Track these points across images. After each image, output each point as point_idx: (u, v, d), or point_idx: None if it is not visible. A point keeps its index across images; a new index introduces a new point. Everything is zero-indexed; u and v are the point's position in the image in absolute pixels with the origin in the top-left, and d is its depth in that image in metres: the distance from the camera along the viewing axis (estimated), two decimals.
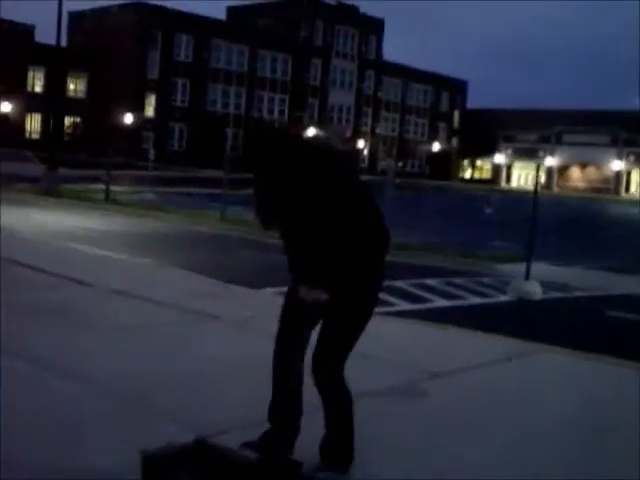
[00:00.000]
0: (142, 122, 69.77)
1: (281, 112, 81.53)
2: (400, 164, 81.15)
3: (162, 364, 6.47)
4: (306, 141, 4.74)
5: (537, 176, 16.37)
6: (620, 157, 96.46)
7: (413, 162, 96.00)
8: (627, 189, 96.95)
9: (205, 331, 7.92)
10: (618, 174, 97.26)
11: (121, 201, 26.85)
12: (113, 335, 7.33)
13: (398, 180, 25.34)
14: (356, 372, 4.74)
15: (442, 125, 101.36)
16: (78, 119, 71.45)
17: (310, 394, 4.49)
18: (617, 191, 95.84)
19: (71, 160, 41.11)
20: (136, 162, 48.50)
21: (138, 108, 69.77)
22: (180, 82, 73.66)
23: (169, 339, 7.42)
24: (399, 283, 13.53)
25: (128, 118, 68.15)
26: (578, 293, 15.43)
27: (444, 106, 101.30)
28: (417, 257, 18.43)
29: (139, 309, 8.74)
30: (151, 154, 34.85)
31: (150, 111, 72.49)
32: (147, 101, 72.20)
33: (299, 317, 4.43)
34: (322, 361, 4.34)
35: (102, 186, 27.42)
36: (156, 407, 5.33)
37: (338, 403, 4.45)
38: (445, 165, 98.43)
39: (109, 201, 26.50)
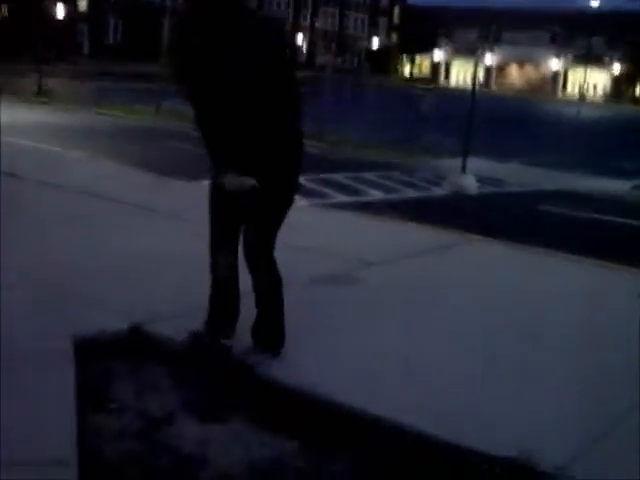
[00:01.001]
0: (75, 15, 67.53)
1: None
2: (339, 59, 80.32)
3: (97, 255, 6.41)
4: (255, 10, 4.54)
5: (475, 73, 16.37)
6: (558, 56, 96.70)
7: (352, 58, 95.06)
8: (564, 88, 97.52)
9: (140, 223, 7.85)
10: (555, 73, 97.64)
11: (54, 95, 26.19)
12: (46, 227, 7.23)
13: (336, 76, 25.08)
14: (290, 261, 4.77)
15: (382, 20, 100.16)
16: (6, 9, 68.86)
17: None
18: (554, 90, 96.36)
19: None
20: (70, 56, 47.20)
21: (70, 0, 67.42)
22: None
23: (104, 231, 7.34)
24: (336, 176, 13.55)
25: (60, 10, 65.84)
26: (512, 188, 15.66)
27: (384, 1, 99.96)
28: (355, 151, 18.46)
29: (73, 201, 8.61)
30: (85, 47, 33.82)
31: (83, 3, 70.13)
32: None
33: (227, 213, 4.44)
34: (252, 246, 4.40)
35: (34, 80, 26.69)
36: (90, 296, 5.29)
37: (269, 284, 4.53)
38: (384, 61, 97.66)
39: (42, 94, 25.83)
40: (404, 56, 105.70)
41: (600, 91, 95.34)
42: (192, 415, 3.99)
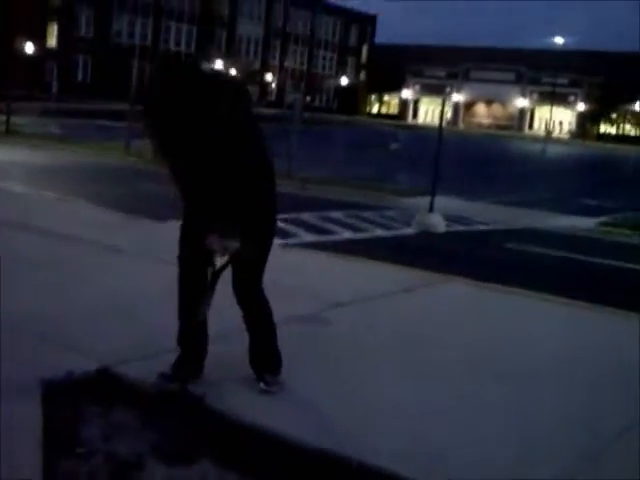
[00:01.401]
0: (44, 52, 67.52)
1: (188, 44, 79.99)
2: (308, 98, 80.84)
3: (66, 297, 6.39)
4: (214, 74, 4.67)
5: (442, 111, 16.52)
6: (524, 94, 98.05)
7: (321, 96, 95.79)
8: (530, 126, 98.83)
9: (109, 263, 7.85)
10: (522, 111, 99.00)
11: (23, 133, 26.12)
12: (14, 270, 7.18)
13: (306, 114, 25.24)
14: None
15: (350, 59, 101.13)
16: None
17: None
18: (521, 128, 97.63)
19: None
20: (38, 94, 47.09)
21: (39, 37, 67.43)
22: (84, 11, 71.35)
23: (72, 272, 7.32)
24: (304, 216, 13.61)
25: (29, 47, 65.83)
26: (480, 227, 15.79)
27: (352, 40, 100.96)
28: (322, 190, 18.54)
29: (41, 243, 8.57)
30: (54, 86, 33.80)
31: (52, 41, 70.18)
32: (49, 30, 69.77)
33: (199, 257, 4.55)
34: (242, 282, 4.60)
35: (1, 117, 26.60)
36: (59, 339, 5.28)
37: (262, 314, 4.72)
38: (353, 100, 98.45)
39: (9, 133, 25.75)
40: (372, 94, 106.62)
41: (566, 128, 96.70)
42: (160, 458, 3.98)
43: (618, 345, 6.58)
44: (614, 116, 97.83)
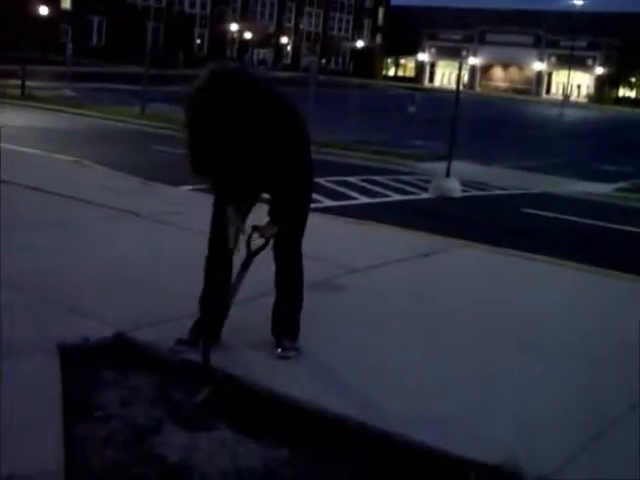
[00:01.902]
0: (58, 14, 67.20)
1: (203, 6, 79.38)
2: (323, 61, 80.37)
3: (82, 261, 6.40)
4: (266, 84, 4.61)
5: (459, 75, 16.38)
6: (542, 58, 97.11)
7: (337, 59, 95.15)
8: (548, 90, 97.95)
9: (125, 228, 7.85)
10: (539, 75, 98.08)
11: (38, 97, 26.08)
12: (30, 232, 7.21)
13: (321, 77, 25.10)
14: (272, 267, 4.78)
15: (366, 22, 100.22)
16: None
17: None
18: (538, 92, 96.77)
19: None
20: (53, 56, 46.93)
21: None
22: None
23: (87, 236, 7.33)
24: (321, 180, 13.55)
25: (43, 9, 65.49)
26: (497, 191, 15.72)
27: (368, 2, 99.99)
28: (339, 155, 18.47)
29: (56, 206, 8.58)
30: (69, 48, 33.62)
31: (67, 2, 69.80)
32: None
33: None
34: (281, 243, 4.71)
35: (17, 81, 26.56)
36: (76, 303, 5.29)
37: (295, 276, 4.82)
38: (369, 63, 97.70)
39: (25, 97, 25.71)
40: (389, 57, 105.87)
41: (584, 92, 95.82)
42: (177, 423, 4.00)
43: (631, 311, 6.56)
44: (633, 80, 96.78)
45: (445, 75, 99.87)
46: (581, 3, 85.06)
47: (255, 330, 4.90)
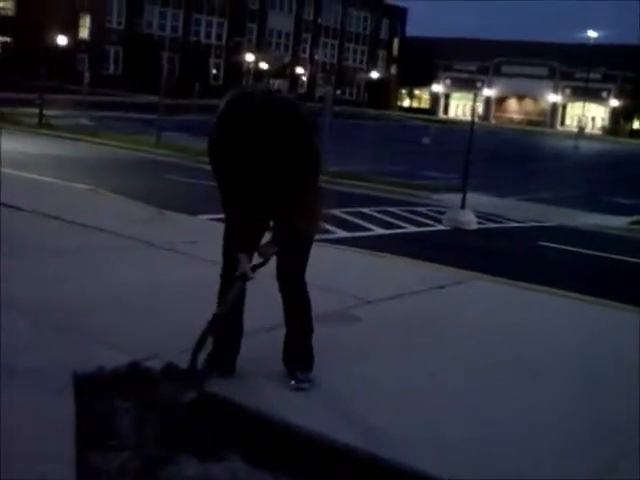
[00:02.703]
0: (76, 44, 67.86)
1: (219, 37, 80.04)
2: (338, 91, 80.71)
3: (96, 289, 6.41)
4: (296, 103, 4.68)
5: (474, 106, 16.48)
6: (556, 90, 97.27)
7: (351, 90, 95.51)
8: (562, 122, 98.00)
9: (139, 256, 7.87)
10: (554, 107, 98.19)
11: (55, 125, 26.30)
12: (46, 259, 7.23)
13: (336, 108, 25.21)
14: None
15: (381, 53, 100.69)
16: (8, 39, 69.13)
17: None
18: (552, 124, 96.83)
19: (1, 81, 40.07)
20: (70, 85, 47.29)
21: (72, 29, 67.71)
22: (116, 2, 71.56)
23: (102, 264, 7.35)
24: (336, 211, 13.58)
25: (61, 39, 66.15)
26: (512, 224, 15.71)
27: (384, 33, 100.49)
28: (354, 186, 18.51)
29: (72, 234, 8.62)
30: (86, 77, 33.93)
31: (85, 32, 70.51)
32: (81, 21, 70.08)
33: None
34: (285, 274, 4.71)
35: (35, 110, 26.80)
36: (90, 331, 5.28)
37: (300, 306, 4.78)
38: (383, 93, 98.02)
39: (42, 125, 25.94)
40: (403, 88, 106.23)
41: (598, 124, 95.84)
42: (191, 453, 3.98)
43: None
44: None
45: (460, 106, 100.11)
46: (595, 35, 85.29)
47: (271, 361, 4.88)
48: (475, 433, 4.35)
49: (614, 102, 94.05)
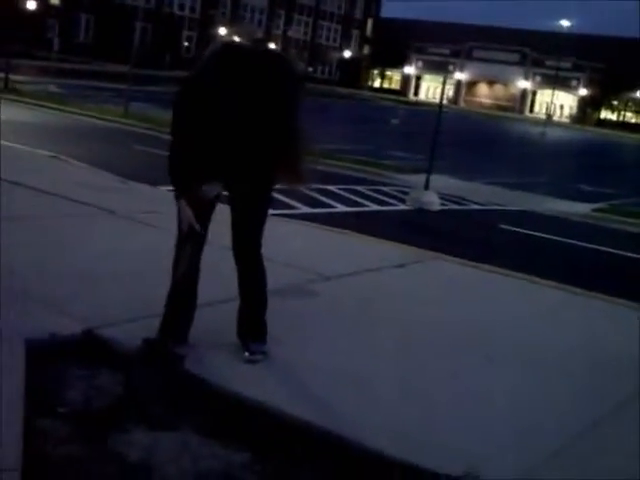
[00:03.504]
0: (46, 9, 66.84)
1: (192, 9, 79.27)
2: (310, 69, 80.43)
3: (54, 256, 6.37)
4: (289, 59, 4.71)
5: (443, 89, 16.46)
6: (527, 77, 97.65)
7: (323, 68, 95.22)
8: (532, 109, 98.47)
9: (100, 225, 7.83)
10: (524, 93, 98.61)
11: (21, 91, 25.97)
12: (5, 226, 7.16)
13: (307, 85, 25.13)
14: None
15: (355, 32, 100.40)
16: None
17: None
18: (522, 110, 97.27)
19: None
20: (39, 52, 46.76)
21: None
22: None
23: (61, 231, 7.30)
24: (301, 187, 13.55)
25: (31, 4, 65.10)
26: (475, 206, 15.79)
27: (358, 13, 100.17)
28: (320, 163, 18.46)
29: (32, 201, 8.55)
30: (55, 44, 33.56)
31: None
32: None
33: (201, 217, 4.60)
34: (240, 245, 4.68)
35: (0, 74, 26.44)
36: (45, 299, 5.26)
37: (255, 277, 4.77)
38: (355, 73, 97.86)
39: (8, 90, 25.59)
40: (375, 69, 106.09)
41: (566, 112, 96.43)
42: (141, 422, 3.98)
43: (597, 329, 6.63)
44: (615, 102, 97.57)
45: (430, 89, 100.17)
46: (567, 24, 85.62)
47: (224, 332, 4.89)
48: (422, 410, 4.40)
49: (583, 91, 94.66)
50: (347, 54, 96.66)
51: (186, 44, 76.88)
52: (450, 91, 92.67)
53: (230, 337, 4.81)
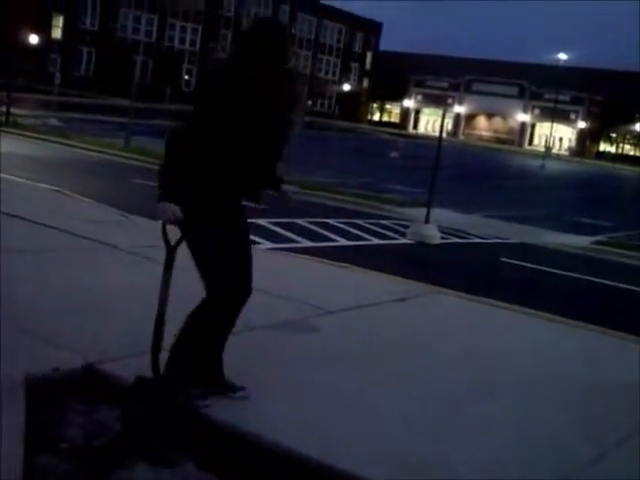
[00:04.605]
0: (49, 44, 67.37)
1: (192, 42, 79.89)
2: (310, 102, 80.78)
3: (57, 291, 6.37)
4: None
5: (442, 122, 16.54)
6: (526, 110, 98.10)
7: (323, 101, 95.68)
8: (530, 142, 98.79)
9: (101, 259, 7.84)
10: (523, 126, 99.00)
11: (22, 124, 26.09)
12: (7, 260, 7.16)
13: (307, 119, 25.28)
14: (249, 306, 4.76)
15: (354, 66, 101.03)
16: None
17: None
18: (521, 143, 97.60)
19: None
20: (40, 86, 46.99)
21: (44, 28, 67.20)
22: (90, 3, 71.19)
23: (64, 266, 7.31)
24: (302, 221, 13.61)
25: (33, 38, 65.62)
26: (475, 239, 15.81)
27: (357, 47, 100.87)
28: (320, 196, 18.54)
29: (35, 235, 8.56)
30: (57, 78, 33.74)
31: (57, 33, 70.03)
32: (54, 21, 69.58)
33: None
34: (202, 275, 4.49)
35: (1, 108, 26.57)
36: (47, 333, 5.25)
37: (204, 307, 4.51)
38: (354, 106, 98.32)
39: (9, 124, 25.71)
40: (374, 102, 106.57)
41: (565, 145, 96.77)
42: (141, 457, 3.97)
43: (598, 361, 6.64)
44: (614, 135, 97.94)
45: (430, 122, 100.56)
46: (565, 58, 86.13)
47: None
48: (423, 440, 4.39)
49: (581, 124, 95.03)
50: (346, 87, 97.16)
51: (186, 77, 77.33)
52: (449, 124, 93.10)
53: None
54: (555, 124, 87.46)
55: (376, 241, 13.61)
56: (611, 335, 7.65)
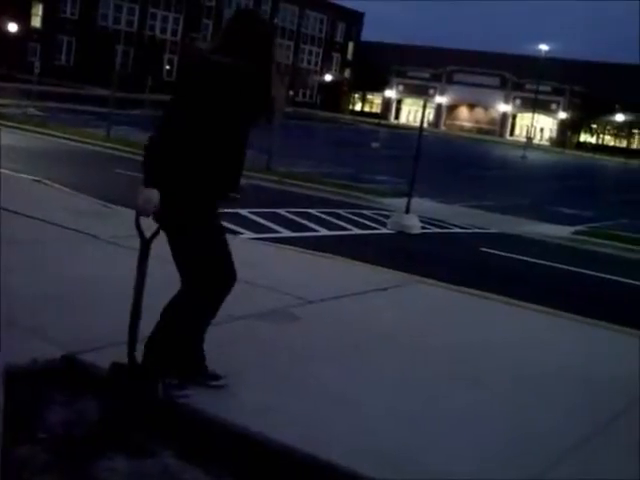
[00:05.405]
0: (28, 32, 66.85)
1: (174, 32, 79.54)
2: (291, 92, 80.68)
3: (37, 281, 6.36)
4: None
5: (423, 113, 16.58)
6: (507, 100, 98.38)
7: (304, 92, 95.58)
8: (512, 132, 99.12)
9: (82, 250, 7.82)
10: (504, 116, 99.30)
11: (1, 114, 25.92)
12: None
13: (289, 109, 25.26)
14: (229, 296, 4.77)
15: (336, 56, 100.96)
16: None
17: None
18: (502, 133, 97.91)
19: None
20: (20, 74, 46.67)
21: (23, 17, 66.65)
22: None
23: (45, 256, 7.29)
24: (281, 211, 13.61)
25: (12, 27, 65.09)
26: (456, 229, 15.86)
27: (339, 37, 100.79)
28: (301, 187, 18.55)
29: (15, 225, 8.51)
30: (36, 67, 33.50)
31: (37, 21, 69.49)
32: (33, 10, 69.02)
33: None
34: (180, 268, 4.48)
35: None
36: (25, 324, 5.24)
37: (187, 297, 4.51)
38: (336, 96, 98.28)
39: None
40: (356, 92, 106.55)
41: (546, 135, 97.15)
42: (121, 448, 3.98)
43: (576, 350, 6.69)
44: (594, 126, 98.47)
45: (411, 112, 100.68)
46: (547, 49, 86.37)
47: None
48: (406, 430, 4.42)
49: (562, 115, 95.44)
50: (328, 78, 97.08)
51: (167, 67, 77.01)
52: (431, 115, 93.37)
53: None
54: (536, 115, 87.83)
55: (357, 231, 13.64)
56: (592, 325, 7.70)
